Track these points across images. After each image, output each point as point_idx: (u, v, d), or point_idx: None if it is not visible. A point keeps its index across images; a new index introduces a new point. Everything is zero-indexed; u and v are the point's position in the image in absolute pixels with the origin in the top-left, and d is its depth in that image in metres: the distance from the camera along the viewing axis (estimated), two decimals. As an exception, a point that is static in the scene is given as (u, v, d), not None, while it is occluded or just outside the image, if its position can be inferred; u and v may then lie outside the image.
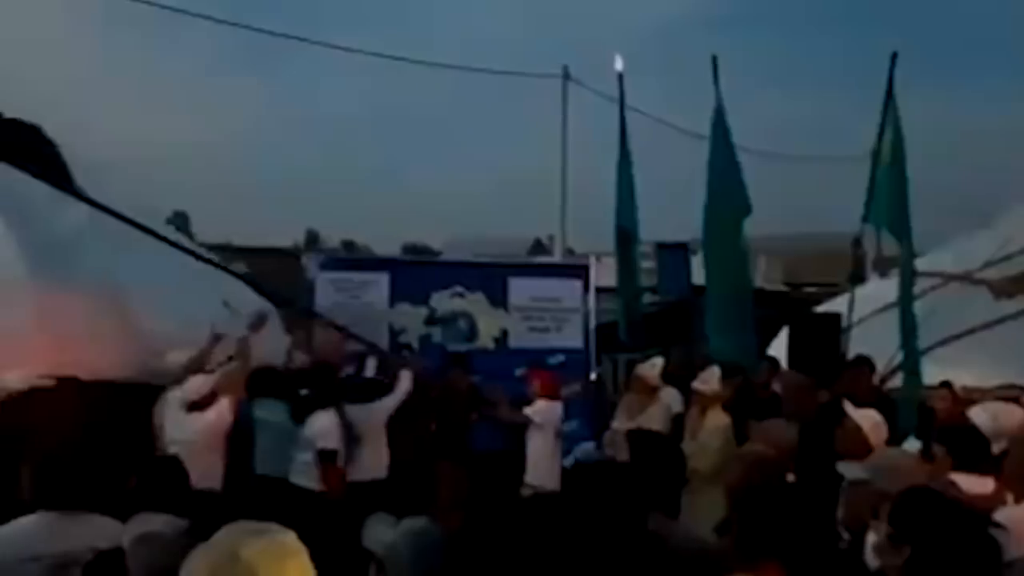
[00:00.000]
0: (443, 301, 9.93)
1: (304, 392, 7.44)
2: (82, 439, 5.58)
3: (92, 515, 4.07)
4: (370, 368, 8.39)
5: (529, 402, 8.39)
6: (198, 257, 8.71)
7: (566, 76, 16.35)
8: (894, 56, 8.90)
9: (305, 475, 7.11)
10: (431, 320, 9.85)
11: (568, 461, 8.59)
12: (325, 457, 7.09)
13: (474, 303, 10.01)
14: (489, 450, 8.37)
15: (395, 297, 9.77)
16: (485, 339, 9.99)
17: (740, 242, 9.27)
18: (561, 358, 10.05)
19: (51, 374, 6.44)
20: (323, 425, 7.12)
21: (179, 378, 7.02)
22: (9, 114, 8.21)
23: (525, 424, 8.30)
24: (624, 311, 10.90)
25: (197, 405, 6.82)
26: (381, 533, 3.70)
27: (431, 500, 4.01)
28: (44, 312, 6.56)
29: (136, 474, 4.41)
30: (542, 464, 8.08)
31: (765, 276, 23.13)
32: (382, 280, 9.78)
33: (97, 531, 3.97)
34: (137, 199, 9.29)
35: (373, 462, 7.42)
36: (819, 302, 13.36)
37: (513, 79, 19.80)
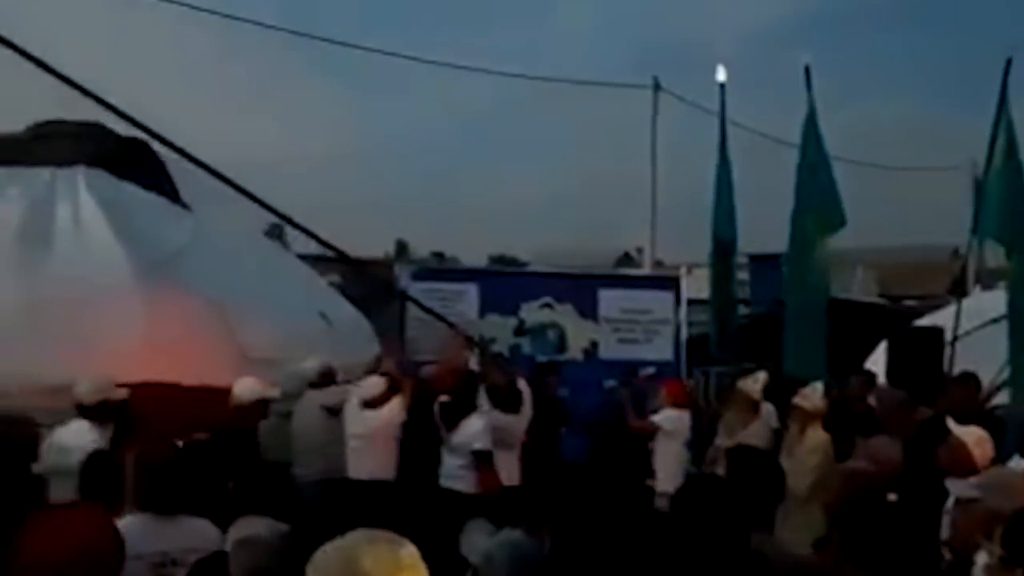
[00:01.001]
0: (532, 312, 9.98)
1: (445, 398, 7.54)
2: (183, 444, 5.80)
3: (189, 518, 4.14)
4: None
5: (655, 410, 8.35)
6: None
7: (656, 86, 16.25)
8: (1009, 61, 8.64)
9: (458, 479, 7.24)
10: (520, 331, 9.90)
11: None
12: (482, 458, 7.17)
13: (563, 314, 10.03)
14: (576, 460, 8.37)
15: (484, 308, 9.86)
16: (574, 350, 10.00)
17: (823, 255, 9.08)
18: (651, 370, 9.98)
19: (155, 380, 6.67)
20: (477, 428, 7.25)
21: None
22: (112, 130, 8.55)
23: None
24: (717, 323, 10.76)
25: (372, 403, 7.14)
26: (478, 542, 3.74)
27: (533, 511, 4.00)
28: (150, 321, 6.81)
29: (235, 478, 4.52)
30: (670, 472, 7.99)
31: (862, 288, 22.56)
32: (472, 291, 9.88)
33: (192, 534, 4.07)
34: (235, 211, 9.61)
35: (512, 471, 7.49)
36: (919, 315, 12.96)
37: (603, 89, 19.74)
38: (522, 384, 7.88)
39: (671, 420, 8.15)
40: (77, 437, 5.66)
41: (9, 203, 7.33)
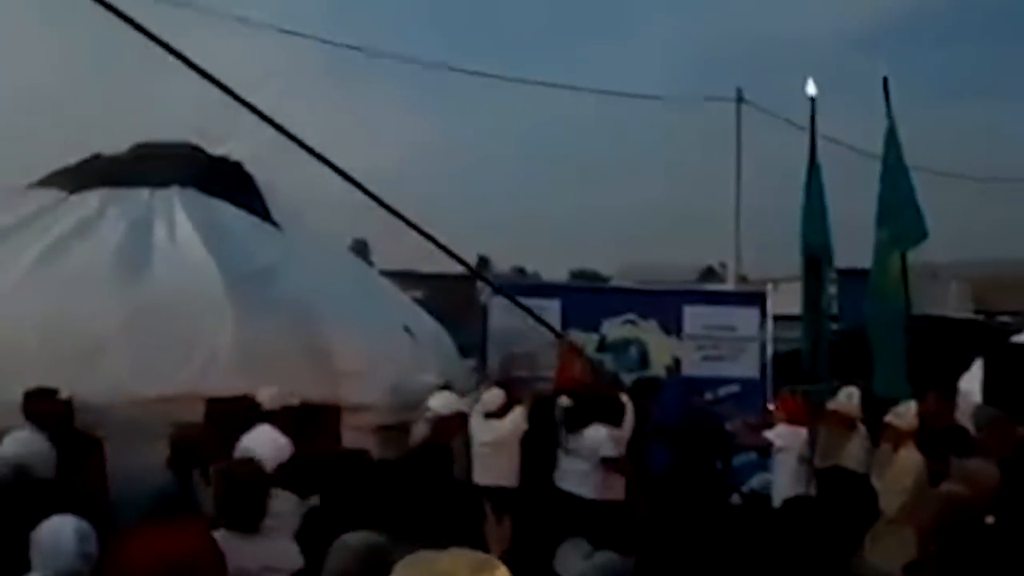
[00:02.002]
0: (614, 328, 9.95)
1: (567, 404, 7.64)
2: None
3: (270, 535, 4.19)
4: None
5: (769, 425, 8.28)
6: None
7: (740, 99, 16.10)
8: None
9: (579, 483, 7.29)
10: (602, 347, 9.87)
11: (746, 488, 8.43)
12: (610, 464, 7.34)
13: (646, 330, 9.97)
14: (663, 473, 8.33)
15: (567, 323, 9.85)
16: (657, 367, 9.92)
17: (896, 268, 8.85)
18: (736, 388, 9.85)
19: (245, 394, 6.85)
20: (604, 434, 7.36)
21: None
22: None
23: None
24: (809, 340, 10.52)
25: (495, 414, 7.55)
26: (573, 562, 3.72)
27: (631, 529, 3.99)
28: (242, 335, 7.01)
29: (321, 491, 4.58)
30: (785, 488, 7.89)
31: (956, 303, 21.86)
32: (554, 306, 9.88)
33: (273, 552, 4.13)
34: (321, 227, 9.83)
35: (615, 482, 7.54)
36: (1015, 331, 12.50)
37: (686, 103, 19.64)
38: (625, 398, 7.92)
39: (784, 436, 8.03)
40: (261, 442, 5.97)
41: (110, 223, 7.64)
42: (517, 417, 7.55)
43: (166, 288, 7.10)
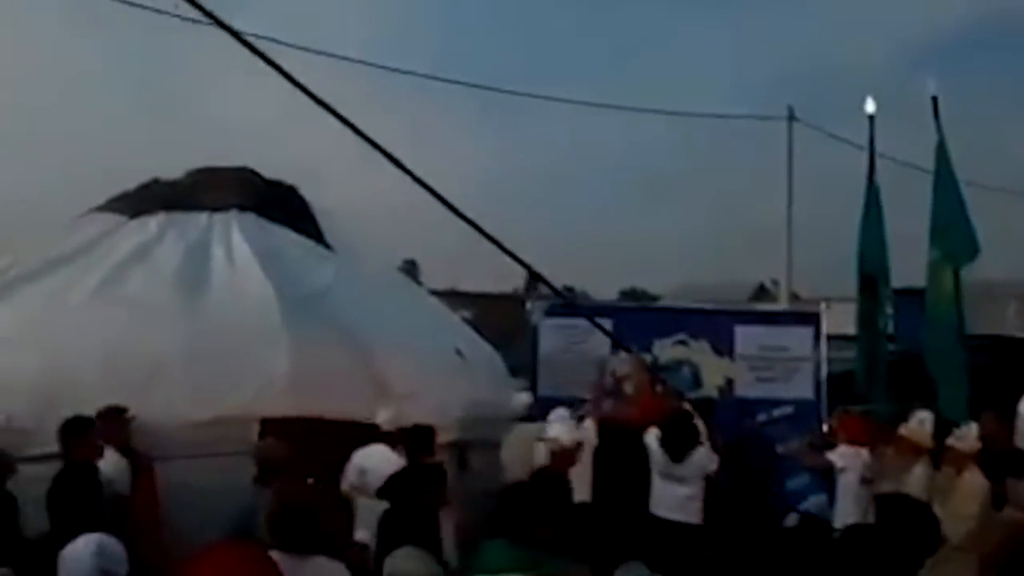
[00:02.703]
0: (666, 348, 9.87)
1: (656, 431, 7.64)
2: (322, 478, 6.02)
3: (322, 558, 4.17)
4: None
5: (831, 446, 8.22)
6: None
7: (791, 117, 15.98)
8: None
9: (685, 510, 7.29)
10: (654, 368, 9.80)
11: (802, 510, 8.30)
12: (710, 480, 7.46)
13: (698, 351, 9.89)
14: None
15: (617, 344, 9.80)
16: (709, 388, 9.82)
17: (948, 286, 8.69)
18: (789, 409, 9.72)
19: (299, 414, 6.93)
20: (710, 458, 7.42)
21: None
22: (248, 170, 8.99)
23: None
24: (865, 360, 10.35)
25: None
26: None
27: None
28: (296, 357, 7.10)
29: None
30: (846, 509, 7.82)
31: (1013, 322, 21.33)
32: (604, 326, 9.84)
33: (323, 573, 4.15)
34: (371, 248, 9.94)
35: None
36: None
37: (739, 121, 19.54)
38: (698, 420, 7.92)
39: (845, 457, 7.95)
40: (375, 459, 6.31)
41: (169, 247, 7.81)
42: (588, 433, 7.51)
43: (223, 311, 7.24)
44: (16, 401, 6.44)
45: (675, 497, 7.27)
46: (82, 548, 3.71)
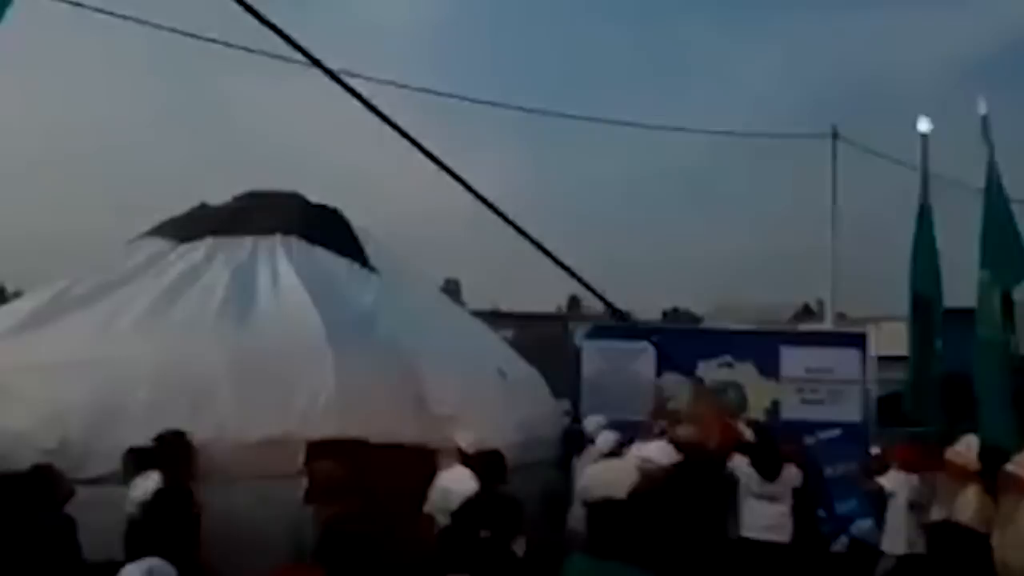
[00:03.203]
0: (711, 371, 9.79)
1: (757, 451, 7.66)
2: (367, 500, 6.04)
3: None
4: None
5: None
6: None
7: (835, 135, 15.81)
8: None
9: (779, 529, 7.30)
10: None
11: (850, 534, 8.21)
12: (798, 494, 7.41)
13: (743, 373, 9.80)
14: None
15: (661, 366, 9.75)
16: (755, 410, 9.71)
17: (1004, 308, 8.50)
18: (837, 432, 9.58)
19: (344, 436, 6.97)
20: (795, 470, 7.41)
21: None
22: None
23: None
24: (916, 382, 10.17)
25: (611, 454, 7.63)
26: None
27: None
28: (341, 378, 7.15)
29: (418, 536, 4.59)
30: (893, 533, 7.71)
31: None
32: (648, 349, 9.79)
33: None
34: (413, 268, 10.00)
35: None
36: None
37: (784, 140, 19.41)
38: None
39: (895, 481, 7.83)
40: (459, 482, 6.41)
41: (216, 271, 7.93)
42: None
43: (269, 333, 7.32)
44: (68, 424, 6.57)
45: (771, 515, 7.26)
46: (133, 571, 3.75)
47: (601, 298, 6.62)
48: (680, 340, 10.37)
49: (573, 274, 5.31)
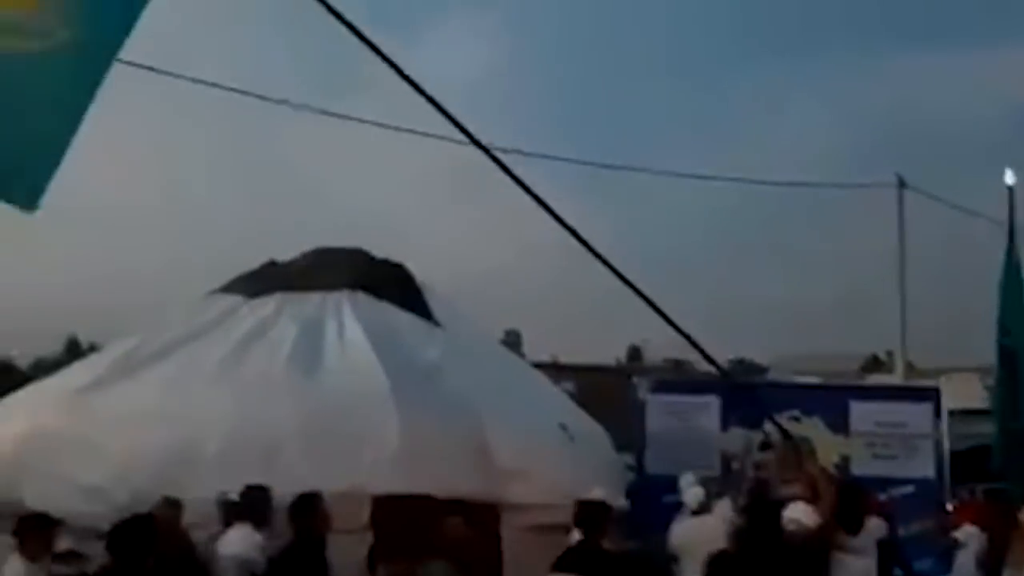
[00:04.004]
0: (778, 425, 9.61)
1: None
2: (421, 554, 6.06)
3: None
4: None
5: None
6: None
7: (901, 184, 15.63)
8: None
9: None
10: (765, 445, 9.56)
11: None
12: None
13: (812, 427, 9.60)
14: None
15: (727, 421, 9.63)
16: (824, 466, 9.50)
17: None
18: (910, 488, 9.34)
19: (410, 491, 6.99)
20: (879, 527, 7.32)
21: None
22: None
23: None
24: (1002, 436, 9.88)
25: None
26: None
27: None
28: (407, 434, 7.19)
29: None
30: None
31: None
32: (713, 403, 9.69)
33: None
34: (476, 320, 10.06)
35: None
36: None
37: (844, 190, 19.25)
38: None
39: (966, 534, 7.72)
40: None
41: (284, 326, 8.08)
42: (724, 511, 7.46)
43: (336, 389, 7.42)
44: (142, 477, 6.71)
45: (857, 570, 7.11)
46: None
47: (702, 352, 6.59)
48: (746, 394, 10.23)
49: (674, 325, 5.28)
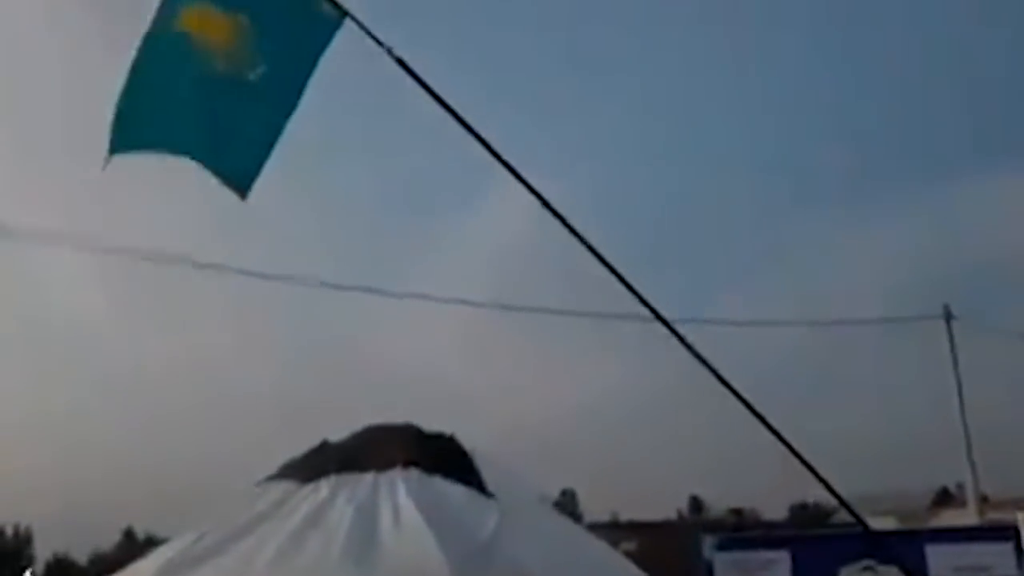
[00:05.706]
0: (853, 576, 9.26)
1: None
2: None
3: None
4: None
5: None
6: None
7: (948, 315, 15.51)
8: None
9: None
10: (843, 599, 9.17)
11: None
12: None
13: (888, 576, 9.22)
14: None
15: (798, 575, 9.27)
16: (907, 617, 9.05)
17: None
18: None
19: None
20: None
21: None
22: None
23: None
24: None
25: None
26: None
27: None
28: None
29: None
30: None
31: None
32: (784, 558, 9.40)
33: None
34: (528, 484, 9.90)
35: None
36: None
37: (894, 324, 19.15)
38: None
39: None
40: None
41: (339, 510, 8.02)
42: None
43: (393, 572, 7.29)
44: None
45: None
46: None
47: (842, 501, 6.29)
48: (818, 546, 9.90)
49: (819, 477, 5.10)
